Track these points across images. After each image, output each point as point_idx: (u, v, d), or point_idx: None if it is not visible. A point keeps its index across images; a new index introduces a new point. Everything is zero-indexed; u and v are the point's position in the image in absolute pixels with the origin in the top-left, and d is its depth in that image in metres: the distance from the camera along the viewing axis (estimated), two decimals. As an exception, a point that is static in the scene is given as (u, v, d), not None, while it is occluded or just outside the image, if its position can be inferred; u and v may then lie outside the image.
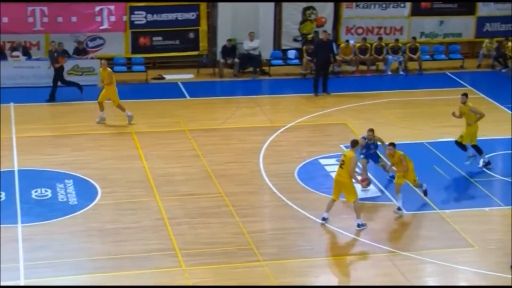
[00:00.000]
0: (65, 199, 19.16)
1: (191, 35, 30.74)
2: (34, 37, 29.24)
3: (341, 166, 17.87)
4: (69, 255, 16.58)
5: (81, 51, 28.88)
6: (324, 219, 18.02)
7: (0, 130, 22.99)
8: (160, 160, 21.65)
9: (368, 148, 19.91)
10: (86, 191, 19.58)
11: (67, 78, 27.44)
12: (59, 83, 26.88)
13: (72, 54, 28.67)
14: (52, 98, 26.61)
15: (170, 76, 29.75)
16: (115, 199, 19.23)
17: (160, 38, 30.48)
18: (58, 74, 26.92)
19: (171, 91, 28.24)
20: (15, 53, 28.28)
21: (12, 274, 15.74)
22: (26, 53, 28.59)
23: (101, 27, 29.71)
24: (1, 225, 17.72)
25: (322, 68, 27.88)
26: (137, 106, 25.97)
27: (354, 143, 18.17)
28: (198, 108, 26.23)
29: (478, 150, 21.27)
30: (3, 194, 19.17)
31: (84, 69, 28.50)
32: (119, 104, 24.47)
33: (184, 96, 27.76)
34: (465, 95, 21.54)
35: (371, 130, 19.79)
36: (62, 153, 21.94)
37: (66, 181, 20.07)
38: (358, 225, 17.81)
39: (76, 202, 19.02)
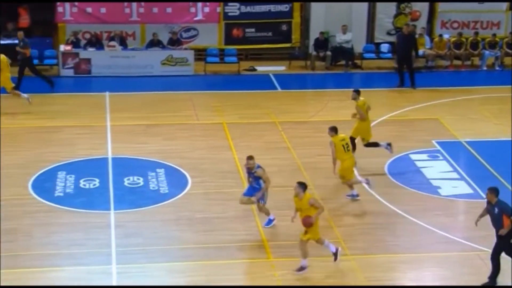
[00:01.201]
0: (156, 188, 19.49)
1: (284, 27, 30.79)
2: (130, 27, 29.80)
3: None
4: (159, 243, 16.86)
5: (175, 42, 29.28)
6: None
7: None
8: (250, 151, 21.65)
9: (249, 175, 17.28)
10: (176, 180, 19.86)
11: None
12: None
13: (166, 44, 29.11)
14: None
15: (262, 68, 29.88)
16: (205, 188, 19.45)
17: (253, 29, 30.64)
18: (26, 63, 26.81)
19: (263, 82, 28.37)
20: (111, 43, 28.88)
21: (105, 259, 16.12)
22: (122, 43, 29.15)
23: (195, 18, 30.04)
24: (95, 211, 18.17)
25: (402, 61, 27.60)
26: (228, 97, 26.21)
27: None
28: (289, 100, 26.28)
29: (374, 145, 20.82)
30: (97, 180, 19.62)
31: (177, 60, 28.88)
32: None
33: (275, 88, 27.85)
34: (356, 91, 20.92)
35: (251, 158, 17.05)
36: (154, 142, 22.31)
37: (158, 170, 20.39)
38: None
39: (167, 191, 19.33)
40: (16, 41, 28.15)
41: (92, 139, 22.43)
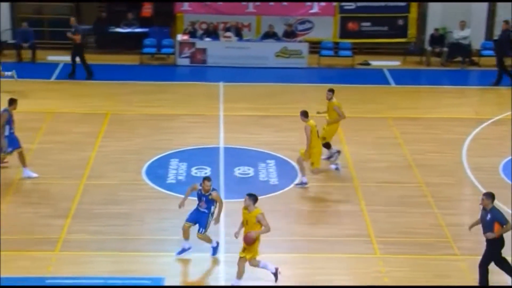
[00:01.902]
0: (266, 179, 19.63)
1: (400, 21, 30.46)
2: (246, 18, 30.07)
3: None
4: (268, 233, 16.95)
5: (290, 34, 29.38)
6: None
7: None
8: (361, 146, 21.69)
9: (200, 198, 15.64)
10: (286, 172, 19.96)
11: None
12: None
13: (281, 36, 29.24)
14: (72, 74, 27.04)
15: (376, 63, 29.66)
16: (314, 181, 19.47)
17: (368, 23, 30.43)
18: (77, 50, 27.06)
19: (376, 77, 28.16)
20: (227, 34, 29.21)
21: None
22: (238, 34, 29.45)
23: (310, 11, 30.05)
24: (205, 199, 18.44)
25: (501, 58, 27.00)
26: (341, 91, 26.05)
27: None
28: (402, 96, 26.02)
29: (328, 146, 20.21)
30: (208, 169, 19.91)
31: (291, 52, 28.98)
32: None
33: (389, 83, 27.60)
34: (331, 91, 20.27)
35: (208, 179, 15.53)
36: (266, 133, 22.46)
37: (268, 161, 20.54)
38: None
39: (276, 182, 19.44)
40: (137, 30, 28.95)
41: (204, 128, 22.78)
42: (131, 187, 18.97)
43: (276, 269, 14.95)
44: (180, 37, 29.18)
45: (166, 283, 14.95)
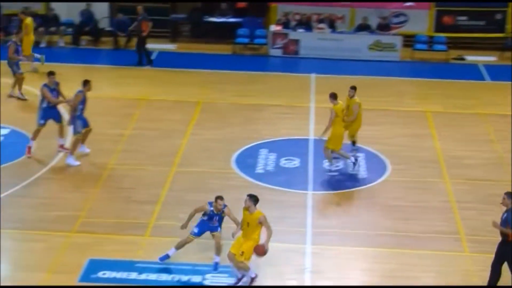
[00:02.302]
0: (354, 172, 19.55)
1: (498, 16, 29.85)
2: (340, 10, 29.95)
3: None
4: (354, 227, 16.94)
5: (384, 27, 29.13)
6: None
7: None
8: (453, 142, 21.37)
9: (210, 219, 15.08)
10: (375, 166, 19.84)
11: None
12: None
13: (375, 29, 29.02)
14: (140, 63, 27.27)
15: (471, 57, 29.16)
16: (403, 176, 19.31)
17: (465, 17, 29.94)
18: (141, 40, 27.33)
19: (471, 72, 27.68)
20: (321, 25, 29.17)
21: (300, 238, 16.40)
22: (332, 25, 29.35)
23: (405, 4, 29.73)
24: (293, 190, 18.50)
25: None
26: (434, 86, 25.81)
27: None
28: (497, 92, 25.50)
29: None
30: (297, 160, 19.95)
31: (385, 45, 28.75)
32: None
33: (484, 79, 27.10)
34: (354, 88, 19.59)
35: (221, 198, 14.99)
36: (357, 126, 22.33)
37: (358, 154, 20.43)
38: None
39: (365, 176, 19.35)
40: (231, 20, 29.16)
41: (295, 119, 22.81)
42: (221, 176, 19.16)
43: (255, 275, 14.51)
44: (273, 27, 29.27)
45: (253, 273, 15.03)
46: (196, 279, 14.76)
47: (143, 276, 14.83)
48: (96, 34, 29.71)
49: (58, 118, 19.89)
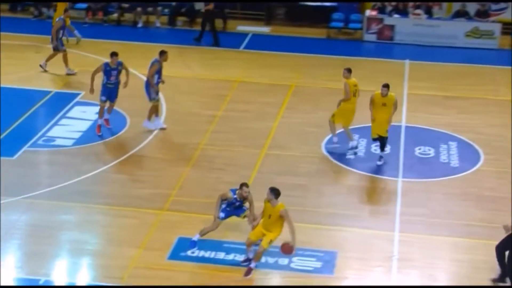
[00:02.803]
0: (446, 160, 19.30)
1: None
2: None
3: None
4: (443, 216, 16.75)
5: (482, 14, 28.57)
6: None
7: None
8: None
9: (232, 205, 15.01)
10: (468, 155, 19.54)
11: None
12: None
13: (473, 16, 28.50)
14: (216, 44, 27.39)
15: None
16: (497, 167, 18.96)
17: None
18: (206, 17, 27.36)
19: None
20: (417, 11, 28.80)
21: (388, 225, 16.31)
22: (428, 11, 28.94)
23: (505, -9, 29.12)
24: (383, 177, 18.40)
25: None
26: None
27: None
28: None
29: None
30: (388, 147, 19.80)
31: (483, 32, 28.20)
32: None
33: None
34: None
35: (246, 185, 14.87)
36: (449, 114, 22.04)
37: (450, 142, 20.18)
38: None
39: (457, 165, 19.08)
40: (326, 4, 29.06)
41: (389, 105, 22.60)
42: (310, 160, 19.19)
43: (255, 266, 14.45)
44: (368, 12, 29.04)
45: (338, 258, 15.07)
46: (282, 261, 14.84)
47: (231, 256, 15.00)
48: (192, 15, 30.02)
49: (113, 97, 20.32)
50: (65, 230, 15.92)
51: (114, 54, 20.03)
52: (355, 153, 19.45)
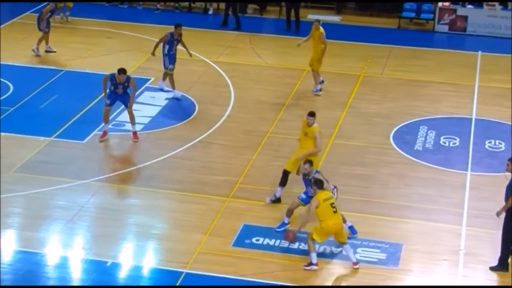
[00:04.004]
0: (517, 155, 18.97)
1: None
2: (513, -14, 28.94)
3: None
4: None
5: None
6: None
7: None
8: None
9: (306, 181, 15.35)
10: (540, 151, 19.19)
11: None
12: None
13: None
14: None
15: None
16: None
17: None
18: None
19: None
20: (491, 2, 28.28)
21: (455, 219, 16.14)
22: (503, 2, 28.41)
23: None
24: (452, 170, 18.17)
25: None
26: None
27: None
28: None
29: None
30: (457, 140, 19.56)
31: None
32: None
33: None
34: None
35: (309, 162, 15.30)
36: (521, 108, 21.68)
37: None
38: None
39: (529, 160, 18.71)
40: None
41: (457, 97, 22.33)
42: (378, 151, 19.06)
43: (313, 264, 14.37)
44: (441, 3, 28.64)
45: (404, 250, 14.96)
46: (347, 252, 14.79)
47: (295, 245, 15.01)
48: (263, 3, 30.02)
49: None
50: (132, 213, 16.14)
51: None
52: None
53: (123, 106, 19.45)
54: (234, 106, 21.25)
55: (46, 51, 24.21)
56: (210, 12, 29.68)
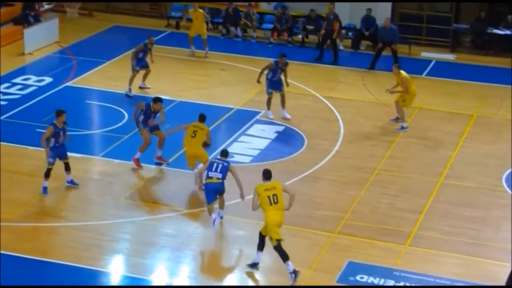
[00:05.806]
0: None
1: None
2: None
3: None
4: None
5: None
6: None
7: None
8: None
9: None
10: None
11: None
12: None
13: None
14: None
15: None
16: None
17: None
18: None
19: None
20: None
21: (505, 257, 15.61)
22: None
23: None
24: None
25: None
26: None
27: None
28: None
29: None
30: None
31: None
32: None
33: None
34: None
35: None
36: None
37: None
38: None
39: None
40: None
41: None
42: (490, 192, 18.63)
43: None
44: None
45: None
46: (454, 294, 14.48)
47: (401, 284, 14.77)
48: (375, 40, 29.88)
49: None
50: (237, 244, 16.22)
51: (158, 100, 19.48)
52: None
53: (233, 137, 19.57)
54: (343, 141, 21.18)
55: (140, 87, 24.57)
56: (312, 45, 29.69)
